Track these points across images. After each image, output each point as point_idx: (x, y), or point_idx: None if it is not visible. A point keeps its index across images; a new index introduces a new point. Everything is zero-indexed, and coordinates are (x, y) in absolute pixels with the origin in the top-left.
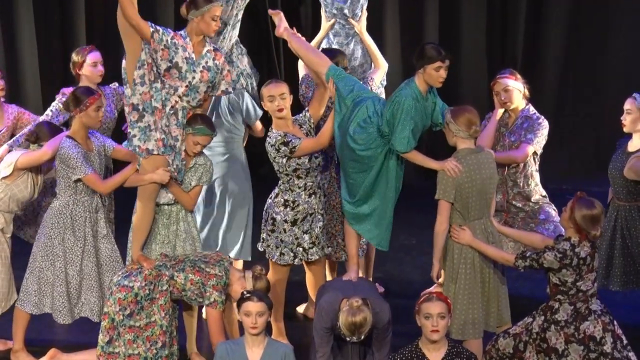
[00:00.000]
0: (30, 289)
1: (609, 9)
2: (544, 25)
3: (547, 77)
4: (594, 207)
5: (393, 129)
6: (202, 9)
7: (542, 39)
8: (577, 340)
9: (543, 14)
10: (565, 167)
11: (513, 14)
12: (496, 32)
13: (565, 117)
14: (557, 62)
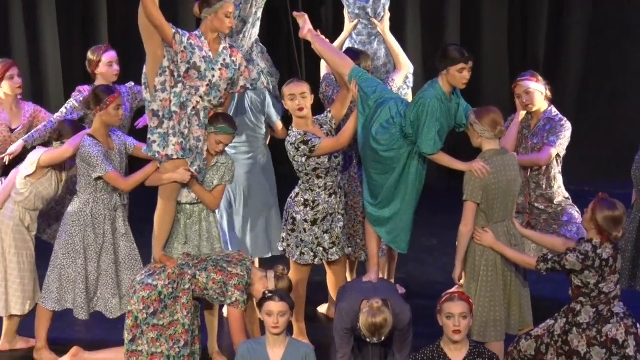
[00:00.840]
0: (52, 286)
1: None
2: (565, 26)
3: (569, 78)
4: (616, 209)
5: (418, 130)
6: (215, 6)
7: (563, 40)
8: (599, 343)
9: (564, 15)
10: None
11: (534, 15)
12: (517, 33)
13: (587, 118)
14: (579, 63)
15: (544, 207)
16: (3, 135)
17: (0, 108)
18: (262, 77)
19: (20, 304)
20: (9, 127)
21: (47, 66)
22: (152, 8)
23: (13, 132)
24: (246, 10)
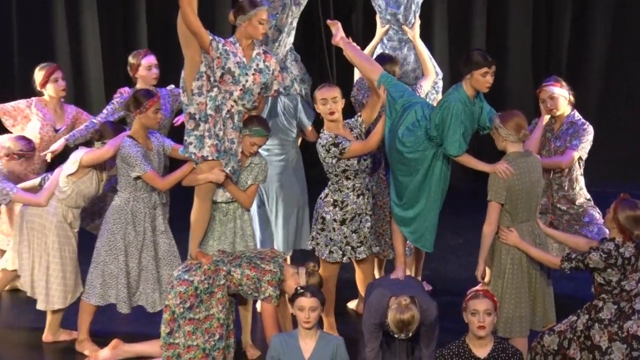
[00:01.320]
0: (95, 282)
1: None
2: (587, 32)
3: (591, 83)
4: (637, 208)
5: (443, 133)
6: (249, 13)
7: (586, 47)
8: (620, 339)
9: (587, 23)
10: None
11: (557, 22)
12: (541, 39)
13: (609, 122)
14: (601, 68)
15: (566, 208)
16: (48, 135)
17: (46, 109)
18: (295, 84)
19: (61, 298)
20: (54, 128)
21: (89, 70)
22: (191, 15)
23: (57, 132)
24: (282, 20)
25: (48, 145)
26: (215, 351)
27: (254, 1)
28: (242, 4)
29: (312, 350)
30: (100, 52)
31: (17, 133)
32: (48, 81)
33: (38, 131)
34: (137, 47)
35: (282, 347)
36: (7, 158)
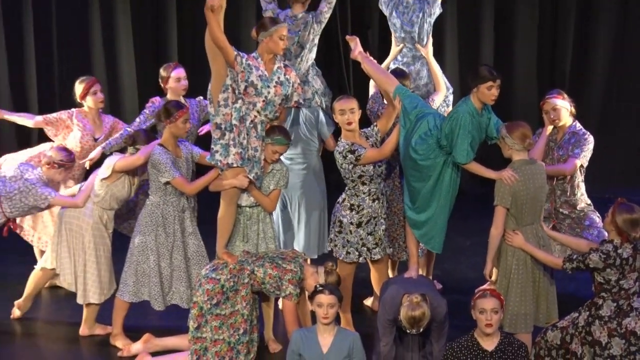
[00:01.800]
0: (129, 280)
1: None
2: (588, 49)
3: (592, 95)
4: (634, 212)
5: (452, 142)
6: (270, 30)
7: (587, 62)
8: (619, 335)
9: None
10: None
11: (561, 39)
12: (546, 55)
13: (608, 132)
14: (601, 82)
15: (568, 212)
16: (88, 144)
17: (86, 120)
18: (316, 97)
19: (97, 294)
20: (93, 137)
21: (123, 82)
22: (218, 32)
23: (96, 141)
24: (304, 37)
25: (88, 153)
26: (240, 345)
27: (275, 19)
28: (263, 21)
29: (329, 344)
30: (134, 66)
31: (58, 142)
32: (87, 93)
33: (79, 140)
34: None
35: (302, 342)
36: (48, 166)
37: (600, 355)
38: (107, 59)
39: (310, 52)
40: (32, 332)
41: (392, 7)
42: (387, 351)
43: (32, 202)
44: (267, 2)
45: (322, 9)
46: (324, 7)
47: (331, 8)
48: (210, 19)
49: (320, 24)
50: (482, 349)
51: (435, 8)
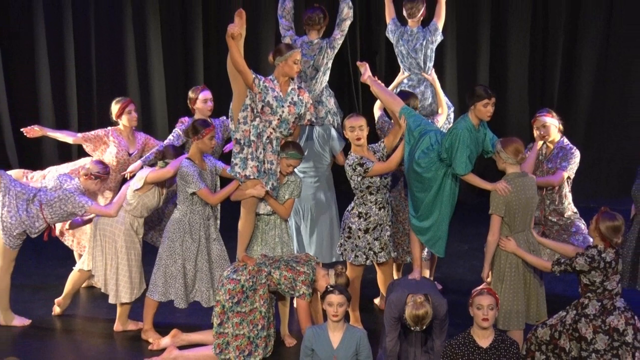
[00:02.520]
0: (158, 281)
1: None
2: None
3: (578, 113)
4: (616, 219)
5: (452, 155)
6: (285, 55)
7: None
8: (603, 331)
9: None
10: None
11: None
12: (536, 77)
13: (593, 146)
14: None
15: (556, 219)
16: (123, 159)
17: (121, 137)
18: (328, 116)
19: (128, 293)
20: (128, 152)
21: (155, 103)
22: (238, 57)
23: (130, 156)
24: (319, 61)
25: (124, 167)
26: (258, 339)
27: (290, 45)
28: (279, 47)
29: (339, 340)
30: (164, 88)
31: (96, 157)
32: (123, 113)
33: (115, 155)
34: (195, 84)
35: (315, 338)
36: (85, 177)
37: (586, 350)
38: (140, 82)
39: (324, 75)
40: (71, 328)
41: (398, 35)
42: (392, 346)
43: (70, 209)
44: (286, 29)
45: (336, 36)
46: (337, 34)
47: (344, 35)
48: (231, 46)
49: (334, 49)
50: (477, 346)
51: (437, 36)
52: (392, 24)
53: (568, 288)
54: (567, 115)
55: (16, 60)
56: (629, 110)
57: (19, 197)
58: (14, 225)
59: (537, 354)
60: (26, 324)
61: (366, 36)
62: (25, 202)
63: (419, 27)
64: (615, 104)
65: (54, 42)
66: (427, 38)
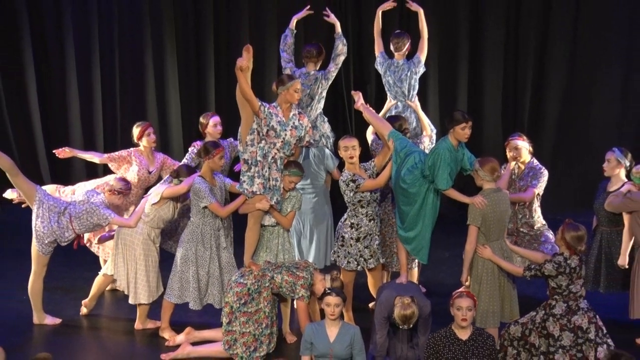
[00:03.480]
0: (175, 286)
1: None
2: (543, 100)
3: (546, 137)
4: (579, 229)
5: (434, 173)
6: (287, 84)
7: (542, 109)
8: (568, 329)
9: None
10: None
11: (521, 92)
12: (509, 104)
13: (560, 166)
14: (553, 126)
15: (527, 231)
16: (144, 176)
17: (142, 157)
18: (323, 139)
19: (146, 295)
20: (148, 170)
21: (172, 127)
22: (246, 87)
23: (150, 173)
24: (314, 91)
25: (144, 183)
26: (263, 336)
27: (291, 75)
28: (281, 77)
29: (335, 335)
30: (179, 114)
31: (119, 175)
32: (143, 135)
33: (136, 173)
34: (207, 111)
35: (314, 333)
36: (109, 193)
37: (553, 345)
38: (158, 108)
39: (319, 103)
40: (96, 326)
41: (385, 67)
42: (382, 342)
43: (95, 221)
44: (287, 61)
45: (330, 69)
46: (332, 67)
47: (337, 68)
48: (240, 77)
49: (328, 80)
50: (457, 338)
51: (420, 68)
52: (381, 57)
53: (537, 291)
54: (536, 138)
55: (49, 88)
56: (591, 133)
57: (51, 210)
58: (45, 234)
59: (510, 348)
60: (57, 323)
61: (358, 68)
62: (57, 214)
63: (404, 59)
64: (578, 128)
65: (83, 73)
66: (411, 69)
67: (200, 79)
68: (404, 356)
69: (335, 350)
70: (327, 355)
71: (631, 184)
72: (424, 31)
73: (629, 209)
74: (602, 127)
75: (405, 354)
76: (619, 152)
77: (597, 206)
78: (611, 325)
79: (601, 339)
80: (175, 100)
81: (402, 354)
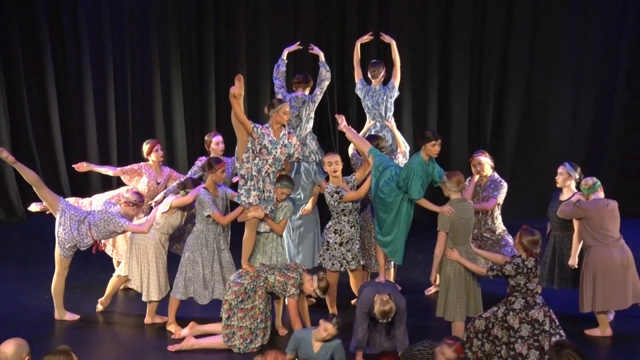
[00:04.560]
0: (180, 284)
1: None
2: (503, 121)
3: (506, 152)
4: (534, 234)
5: (408, 184)
6: (277, 107)
7: (502, 128)
8: (527, 322)
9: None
10: (518, 211)
11: (484, 113)
12: (473, 123)
13: (517, 178)
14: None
15: (489, 236)
16: (153, 187)
17: (151, 170)
18: (312, 155)
19: (156, 293)
20: (156, 182)
21: (177, 144)
22: (239, 112)
23: (158, 184)
24: (302, 112)
25: (153, 194)
26: (258, 330)
27: (280, 99)
28: (272, 101)
29: (319, 349)
30: (184, 131)
31: (131, 186)
32: (152, 151)
33: (146, 184)
34: (210, 130)
35: (301, 342)
36: (125, 204)
37: (513, 336)
38: (165, 127)
39: (307, 123)
40: (110, 321)
41: (364, 92)
42: (363, 334)
43: (112, 228)
44: (279, 87)
45: (316, 93)
46: (317, 91)
47: (322, 92)
48: (233, 103)
49: (314, 103)
50: None
51: (394, 92)
52: (360, 83)
53: (499, 289)
54: (497, 154)
55: (68, 110)
56: (544, 149)
57: (72, 219)
58: (67, 240)
59: (475, 340)
60: (76, 319)
61: (342, 93)
62: (77, 222)
63: (381, 85)
64: (533, 146)
65: (99, 96)
66: (387, 94)
67: (202, 102)
68: (382, 346)
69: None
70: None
71: (580, 194)
72: (397, 60)
73: (579, 216)
74: (555, 145)
75: (383, 345)
76: (569, 166)
77: (550, 214)
78: (563, 318)
79: (555, 330)
80: (180, 120)
81: (381, 344)
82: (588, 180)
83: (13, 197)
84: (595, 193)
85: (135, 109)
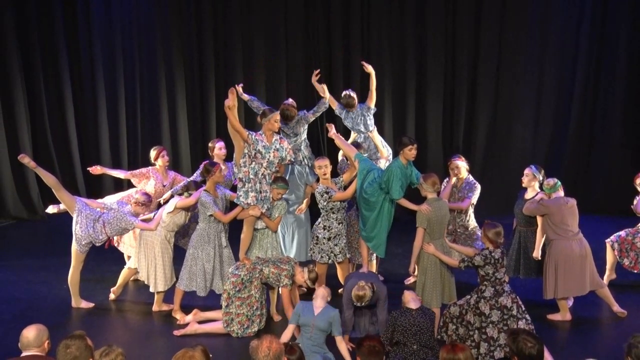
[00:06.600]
0: (184, 276)
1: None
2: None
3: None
4: (497, 226)
5: (389, 186)
6: (268, 116)
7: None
8: (496, 308)
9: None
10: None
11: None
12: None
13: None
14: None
15: (463, 231)
16: (159, 189)
17: (158, 173)
18: (305, 160)
19: (162, 284)
20: (162, 184)
21: (182, 150)
22: (234, 122)
23: (164, 186)
24: (296, 129)
25: (159, 195)
26: (254, 316)
27: (271, 109)
28: (264, 111)
29: (319, 312)
30: (188, 138)
31: (140, 188)
32: (159, 156)
33: (153, 186)
34: (212, 137)
35: (303, 308)
36: (135, 204)
37: (485, 321)
38: (171, 134)
39: (303, 133)
40: (122, 309)
41: (345, 114)
42: (349, 319)
43: (123, 225)
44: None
45: (309, 115)
46: (310, 114)
47: (314, 117)
48: (228, 114)
49: (307, 121)
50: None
51: (370, 112)
52: (339, 108)
53: (470, 278)
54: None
55: (84, 118)
56: (511, 154)
57: (88, 218)
58: (83, 237)
59: (450, 324)
60: (90, 307)
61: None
62: (93, 221)
63: (357, 107)
64: (501, 150)
65: (111, 106)
66: (363, 114)
67: (203, 112)
68: (367, 330)
69: (316, 323)
70: (309, 325)
71: (543, 193)
72: (373, 88)
73: (542, 213)
74: (520, 149)
75: (368, 329)
76: (535, 168)
77: (516, 210)
78: (529, 303)
79: (521, 314)
80: (184, 128)
81: (365, 328)
82: (550, 181)
83: (34, 197)
84: (556, 192)
85: (144, 118)
